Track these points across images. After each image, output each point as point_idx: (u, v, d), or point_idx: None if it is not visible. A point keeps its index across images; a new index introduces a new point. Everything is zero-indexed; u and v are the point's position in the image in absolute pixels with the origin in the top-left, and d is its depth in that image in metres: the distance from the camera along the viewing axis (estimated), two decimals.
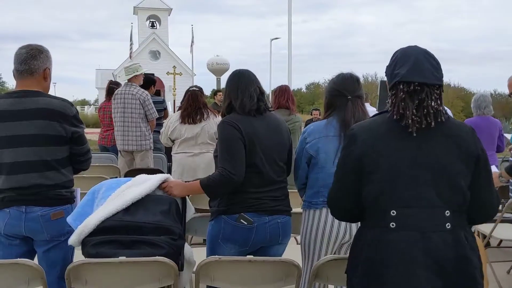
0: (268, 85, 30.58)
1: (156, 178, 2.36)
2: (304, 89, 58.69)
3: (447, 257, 1.56)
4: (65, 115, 2.35)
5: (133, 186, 2.28)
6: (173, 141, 4.47)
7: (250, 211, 2.34)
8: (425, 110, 1.61)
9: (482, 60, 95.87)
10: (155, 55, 36.48)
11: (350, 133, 1.75)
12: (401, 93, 1.65)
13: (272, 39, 30.31)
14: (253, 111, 2.40)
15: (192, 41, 30.16)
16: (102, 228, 2.10)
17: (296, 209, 2.76)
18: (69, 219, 2.26)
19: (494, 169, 4.19)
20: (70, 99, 2.55)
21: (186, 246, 2.37)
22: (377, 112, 1.80)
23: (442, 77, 1.68)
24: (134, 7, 36.89)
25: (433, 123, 1.61)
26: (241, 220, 2.34)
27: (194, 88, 4.50)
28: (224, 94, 2.54)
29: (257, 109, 2.42)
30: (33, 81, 2.38)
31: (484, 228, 3.90)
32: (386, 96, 1.80)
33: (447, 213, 1.59)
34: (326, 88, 2.66)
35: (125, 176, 4.31)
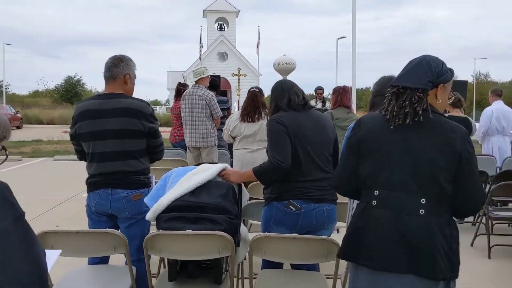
0: (334, 83, 30.34)
1: (217, 167, 2.77)
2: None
3: (416, 238, 1.78)
4: (143, 113, 2.80)
5: (197, 173, 2.69)
6: (234, 138, 4.80)
7: (298, 198, 2.67)
8: (405, 110, 1.85)
9: None
10: (223, 56, 37.49)
11: (358, 120, 2.04)
12: (388, 94, 1.94)
13: (338, 38, 30.07)
14: (300, 106, 2.76)
15: (258, 42, 30.59)
16: (173, 207, 2.51)
17: (342, 199, 3.02)
18: (146, 199, 2.71)
19: None
20: None
21: (242, 227, 2.74)
22: None
23: (430, 82, 1.86)
24: (203, 10, 38.17)
25: (409, 121, 1.83)
26: (290, 206, 2.67)
27: (254, 89, 4.82)
28: (270, 100, 2.89)
29: (304, 104, 2.77)
30: (116, 85, 2.86)
31: None
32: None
33: (423, 200, 1.81)
34: None
35: None
